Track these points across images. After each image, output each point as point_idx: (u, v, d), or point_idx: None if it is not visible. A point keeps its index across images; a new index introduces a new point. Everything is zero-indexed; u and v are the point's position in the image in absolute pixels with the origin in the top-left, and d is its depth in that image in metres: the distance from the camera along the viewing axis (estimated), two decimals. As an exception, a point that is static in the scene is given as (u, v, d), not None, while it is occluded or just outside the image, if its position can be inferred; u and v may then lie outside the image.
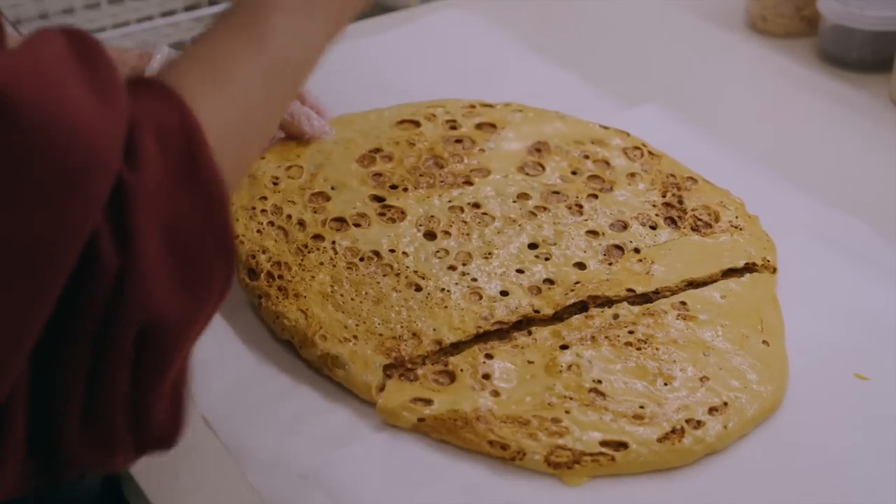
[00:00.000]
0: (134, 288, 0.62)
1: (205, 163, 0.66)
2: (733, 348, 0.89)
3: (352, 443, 0.85)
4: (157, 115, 0.66)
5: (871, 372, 0.90)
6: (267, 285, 0.95)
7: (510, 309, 0.92)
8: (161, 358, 0.65)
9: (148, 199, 0.63)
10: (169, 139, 0.65)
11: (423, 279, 0.95)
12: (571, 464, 0.81)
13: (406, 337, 0.90)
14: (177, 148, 0.65)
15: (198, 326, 0.68)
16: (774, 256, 0.99)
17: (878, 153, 1.22)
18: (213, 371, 0.91)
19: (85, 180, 0.59)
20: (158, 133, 0.65)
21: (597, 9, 1.54)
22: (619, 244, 0.99)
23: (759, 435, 0.84)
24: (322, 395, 0.89)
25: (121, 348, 0.63)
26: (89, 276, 0.61)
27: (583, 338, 0.90)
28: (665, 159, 1.10)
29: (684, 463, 0.82)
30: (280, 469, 0.83)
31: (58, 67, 0.60)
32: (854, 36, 1.35)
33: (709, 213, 1.03)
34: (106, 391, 0.64)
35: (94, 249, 0.60)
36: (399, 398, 0.86)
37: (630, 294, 0.94)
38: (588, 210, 1.02)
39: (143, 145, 0.64)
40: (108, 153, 0.60)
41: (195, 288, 0.66)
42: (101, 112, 0.60)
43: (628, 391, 0.85)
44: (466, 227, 1.00)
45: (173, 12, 1.68)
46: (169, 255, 0.64)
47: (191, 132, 0.66)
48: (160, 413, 0.67)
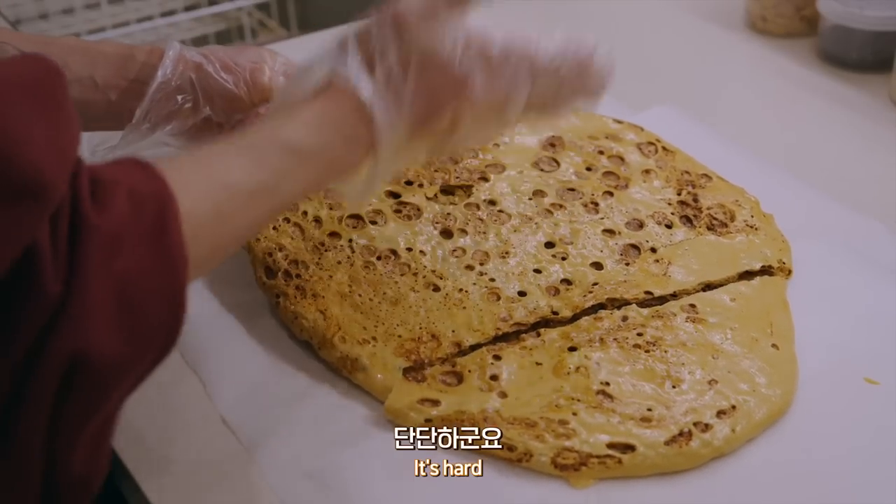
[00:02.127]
0: (70, 319, 0.61)
1: (172, 229, 0.67)
2: (742, 351, 0.89)
3: (364, 443, 0.85)
4: (134, 179, 0.67)
5: (881, 376, 0.89)
6: (284, 284, 0.95)
7: (528, 310, 0.92)
8: (86, 400, 0.64)
9: (106, 240, 0.63)
10: (142, 200, 0.66)
11: (440, 279, 0.94)
12: (578, 466, 0.80)
13: (425, 339, 0.90)
14: (148, 210, 0.66)
15: (130, 377, 0.66)
16: (789, 258, 0.99)
17: (878, 153, 1.22)
18: (230, 371, 0.92)
19: (22, 195, 0.58)
20: (131, 192, 0.65)
21: (596, 9, 1.54)
22: (636, 243, 0.99)
23: (767, 438, 0.84)
24: (340, 395, 0.89)
25: (45, 380, 0.62)
26: (24, 298, 0.60)
27: (591, 339, 0.89)
28: (679, 155, 1.10)
29: (691, 466, 0.81)
30: (295, 469, 0.83)
31: (10, 92, 0.60)
32: (854, 36, 1.35)
33: (724, 211, 1.03)
34: (23, 420, 0.62)
35: (33, 270, 0.60)
36: (406, 399, 0.85)
37: (648, 297, 0.94)
38: (604, 208, 1.02)
39: (115, 196, 0.64)
40: (50, 177, 0.60)
41: (134, 337, 0.65)
42: (46, 138, 0.60)
43: (636, 393, 0.85)
44: (483, 224, 1.00)
45: (173, 12, 1.68)
46: (115, 300, 0.63)
47: (165, 201, 0.67)
48: (77, 463, 0.66)
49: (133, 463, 0.85)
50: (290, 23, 1.97)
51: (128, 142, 1.04)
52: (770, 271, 0.98)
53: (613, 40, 1.46)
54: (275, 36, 1.85)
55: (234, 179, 0.75)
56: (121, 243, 0.63)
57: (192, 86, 1.03)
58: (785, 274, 0.98)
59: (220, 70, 1.04)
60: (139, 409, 0.89)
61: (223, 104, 1.04)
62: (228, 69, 1.04)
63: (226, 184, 0.74)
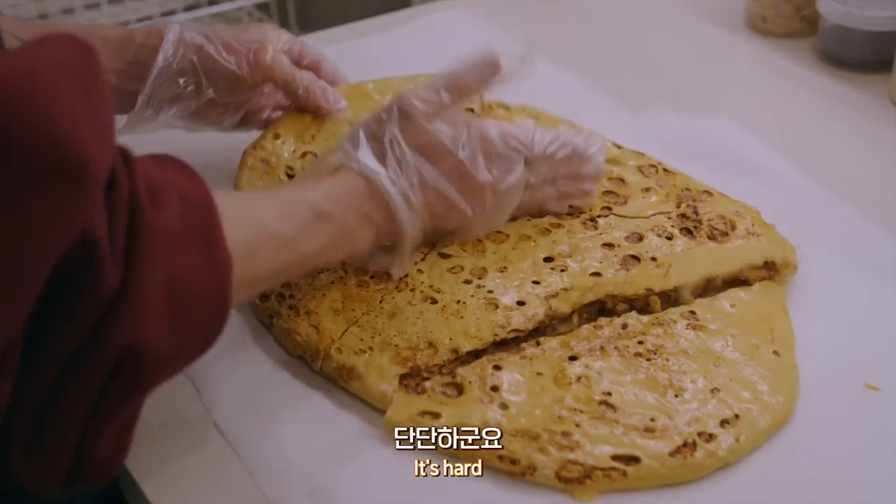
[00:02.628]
0: (127, 311, 0.63)
1: (218, 236, 0.70)
2: (744, 359, 0.89)
3: (361, 455, 0.84)
4: (182, 183, 0.70)
5: (882, 381, 0.89)
6: (278, 305, 0.95)
7: (527, 317, 0.92)
8: (129, 389, 0.66)
9: (163, 238, 0.66)
10: (192, 206, 0.69)
11: (438, 293, 0.94)
12: (583, 479, 0.80)
13: (422, 346, 0.89)
14: (197, 216, 0.69)
15: (171, 369, 0.70)
16: (794, 256, 0.99)
17: (878, 153, 1.22)
18: (225, 376, 0.92)
19: (67, 180, 0.59)
20: (183, 197, 0.69)
21: (596, 8, 1.54)
22: (636, 254, 0.98)
23: (770, 446, 0.84)
24: (335, 405, 0.89)
25: (95, 367, 0.64)
26: (83, 286, 0.62)
27: (591, 348, 0.89)
28: (680, 176, 1.09)
29: (697, 478, 0.81)
30: (289, 476, 0.83)
31: (54, 72, 0.60)
32: (854, 36, 1.35)
33: (725, 222, 1.02)
34: (66, 405, 0.64)
35: (93, 260, 0.61)
36: (406, 411, 0.85)
37: (649, 293, 0.94)
38: (603, 225, 1.01)
39: (169, 198, 0.67)
40: (95, 157, 0.60)
41: (183, 333, 0.68)
42: (89, 120, 0.61)
43: (639, 403, 0.85)
44: (481, 244, 0.98)
45: (173, 12, 1.68)
46: (167, 296, 0.66)
47: (211, 210, 0.70)
48: (103, 450, 0.68)
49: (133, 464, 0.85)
50: (289, 23, 1.97)
51: (132, 126, 1.05)
52: (774, 267, 0.98)
53: (612, 40, 1.48)
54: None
55: (267, 222, 0.80)
56: (174, 243, 0.67)
57: (193, 68, 1.04)
58: (790, 271, 0.98)
59: (223, 51, 1.04)
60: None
61: (226, 85, 1.05)
62: (230, 49, 1.04)
63: (260, 224, 0.79)
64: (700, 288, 0.96)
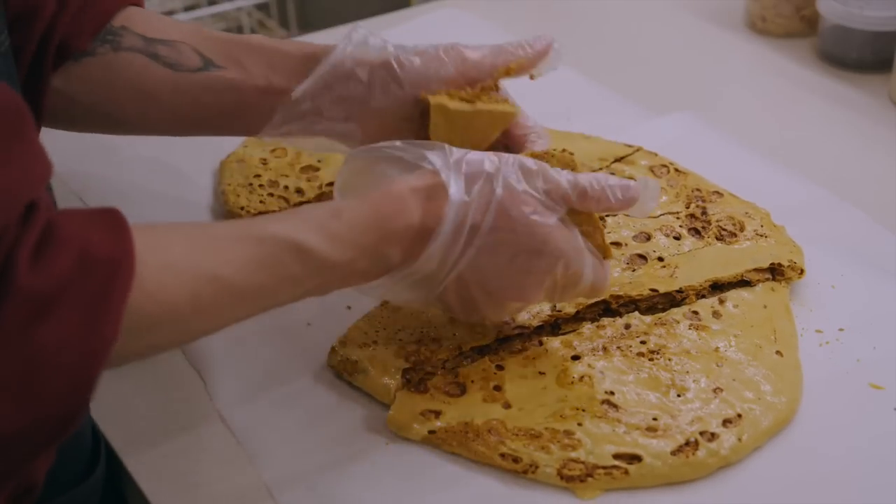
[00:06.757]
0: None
1: (114, 298, 0.62)
2: (747, 359, 0.89)
3: (364, 449, 0.85)
4: (95, 239, 0.62)
5: (886, 381, 0.89)
6: None
7: (531, 314, 0.92)
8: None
9: (30, 302, 0.59)
10: (92, 265, 0.61)
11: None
12: (584, 477, 0.80)
13: (426, 342, 0.90)
14: (95, 276, 0.61)
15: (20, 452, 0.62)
16: (801, 259, 0.99)
17: (878, 153, 1.22)
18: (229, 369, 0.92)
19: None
20: (83, 254, 0.61)
21: (595, 8, 1.54)
22: (642, 253, 0.98)
23: (773, 446, 0.84)
24: (339, 398, 0.89)
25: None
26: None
27: (594, 348, 0.89)
28: (692, 176, 1.09)
29: (698, 476, 0.81)
30: (293, 469, 0.83)
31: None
32: (853, 36, 1.35)
33: (733, 222, 1.02)
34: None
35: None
36: (409, 410, 0.85)
37: (653, 294, 0.94)
38: (611, 224, 1.01)
39: (61, 255, 0.60)
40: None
41: (29, 410, 0.60)
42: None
43: (641, 403, 0.85)
44: None
45: (173, 12, 1.68)
46: (22, 367, 0.59)
47: (117, 271, 0.62)
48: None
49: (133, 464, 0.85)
50: (289, 23, 1.97)
51: (278, 124, 0.93)
52: (780, 270, 0.98)
53: (612, 39, 1.47)
54: (274, 36, 1.85)
55: (225, 274, 0.70)
56: (49, 307, 0.59)
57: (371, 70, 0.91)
58: (797, 274, 0.98)
59: (411, 54, 0.92)
60: (140, 407, 0.90)
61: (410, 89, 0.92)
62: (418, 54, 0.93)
63: (214, 276, 0.69)
64: (704, 289, 0.96)
